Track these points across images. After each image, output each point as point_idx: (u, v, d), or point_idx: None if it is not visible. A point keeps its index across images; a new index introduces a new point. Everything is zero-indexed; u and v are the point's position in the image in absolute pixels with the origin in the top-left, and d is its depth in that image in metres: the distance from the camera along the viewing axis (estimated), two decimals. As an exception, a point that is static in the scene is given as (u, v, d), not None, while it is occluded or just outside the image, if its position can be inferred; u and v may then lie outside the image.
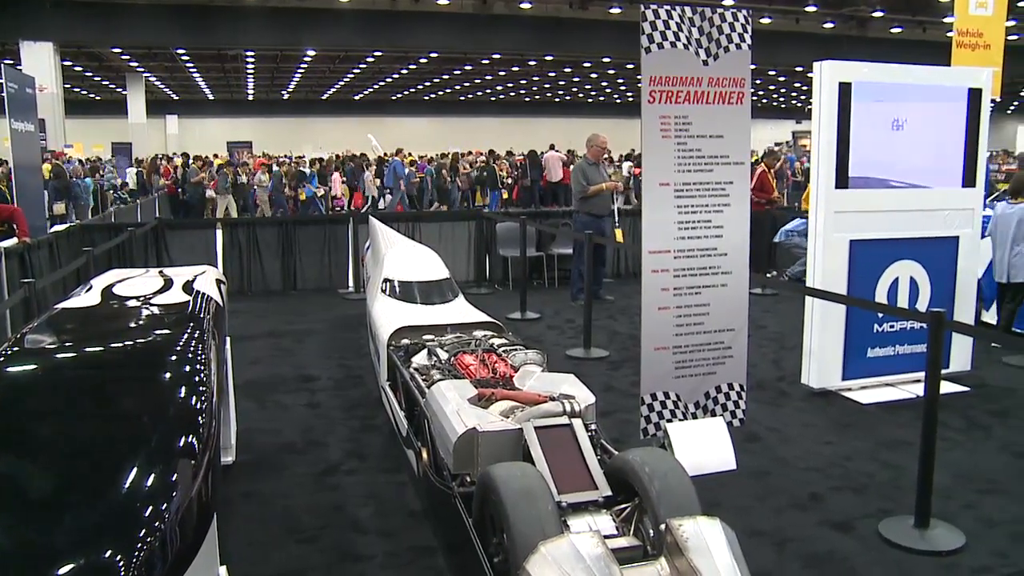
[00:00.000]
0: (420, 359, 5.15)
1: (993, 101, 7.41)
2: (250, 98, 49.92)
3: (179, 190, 21.61)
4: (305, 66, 37.15)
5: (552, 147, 26.02)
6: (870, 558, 4.15)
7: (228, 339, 4.77)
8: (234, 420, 5.40)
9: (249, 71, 38.93)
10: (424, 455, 4.38)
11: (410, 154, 25.74)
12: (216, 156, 29.99)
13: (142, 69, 35.52)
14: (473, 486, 3.53)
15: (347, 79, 42.51)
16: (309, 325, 9.27)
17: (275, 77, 41.54)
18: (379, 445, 5.64)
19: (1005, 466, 5.32)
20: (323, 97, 49.91)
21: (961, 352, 7.01)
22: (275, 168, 22.57)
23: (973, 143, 6.81)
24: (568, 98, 52.97)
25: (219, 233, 11.13)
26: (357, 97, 50.37)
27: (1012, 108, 52.53)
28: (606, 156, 14.00)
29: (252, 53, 32.85)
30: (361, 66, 37.73)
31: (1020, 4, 23.42)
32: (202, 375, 2.55)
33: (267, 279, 11.25)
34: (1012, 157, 21.29)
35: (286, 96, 49.54)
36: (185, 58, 33.46)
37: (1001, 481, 5.06)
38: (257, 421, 6.10)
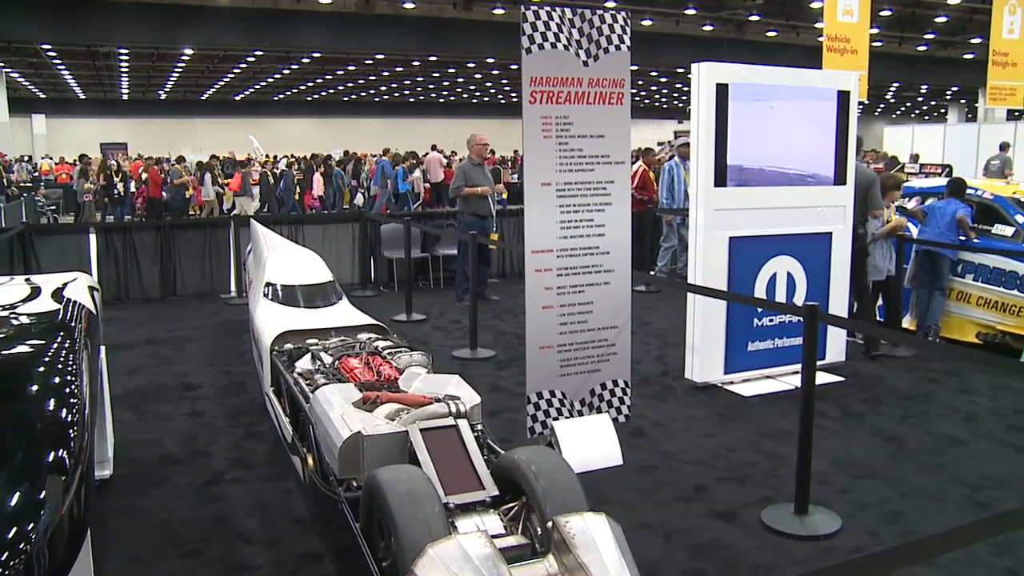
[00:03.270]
0: (304, 364, 5.07)
1: (861, 103, 7.72)
2: (125, 98, 48.19)
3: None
4: (183, 65, 36.10)
5: (434, 147, 25.92)
6: (753, 545, 4.27)
7: (103, 348, 4.60)
8: (111, 432, 5.21)
9: (123, 69, 37.55)
10: (310, 461, 4.32)
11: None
12: (95, 157, 28.68)
13: (2, 64, 33.88)
14: (359, 490, 3.49)
15: (227, 79, 41.49)
16: (190, 332, 9.02)
17: (151, 76, 40.19)
18: (264, 453, 5.52)
19: (876, 450, 5.56)
20: (202, 97, 48.61)
21: (836, 344, 7.29)
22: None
23: (843, 143, 7.08)
24: (452, 99, 52.94)
25: (92, 238, 10.71)
26: (237, 97, 49.25)
27: (879, 110, 54.95)
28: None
29: (126, 51, 31.70)
30: (241, 66, 36.89)
31: (883, 13, 24.55)
32: (73, 386, 2.46)
33: (145, 285, 10.87)
34: (879, 155, 22.22)
35: (163, 96, 48.07)
36: (52, 54, 32.06)
37: (873, 465, 5.29)
38: (136, 432, 5.89)
